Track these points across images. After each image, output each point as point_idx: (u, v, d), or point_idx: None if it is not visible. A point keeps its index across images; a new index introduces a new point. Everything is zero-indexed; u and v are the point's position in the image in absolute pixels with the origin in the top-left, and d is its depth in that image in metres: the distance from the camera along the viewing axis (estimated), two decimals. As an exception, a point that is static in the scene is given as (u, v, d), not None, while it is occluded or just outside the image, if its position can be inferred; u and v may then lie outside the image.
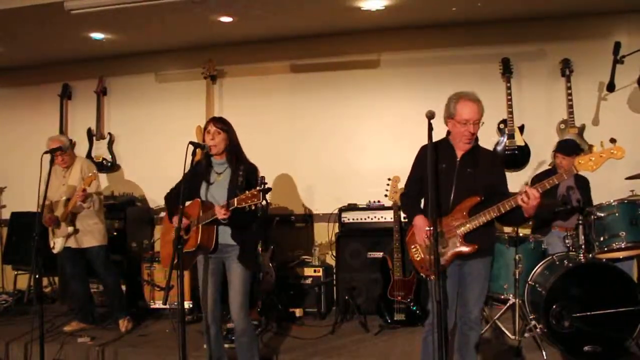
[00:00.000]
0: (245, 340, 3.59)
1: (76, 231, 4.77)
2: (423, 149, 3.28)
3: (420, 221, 3.19)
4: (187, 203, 3.60)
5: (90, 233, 4.81)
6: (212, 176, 3.62)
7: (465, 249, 3.06)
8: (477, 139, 3.23)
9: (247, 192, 3.22)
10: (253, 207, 3.22)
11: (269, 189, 3.21)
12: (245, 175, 3.51)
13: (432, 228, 2.93)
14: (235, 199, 3.26)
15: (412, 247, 3.25)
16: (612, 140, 2.91)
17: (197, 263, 3.67)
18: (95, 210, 4.82)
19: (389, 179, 4.72)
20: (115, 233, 5.66)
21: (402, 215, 4.58)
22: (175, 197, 3.68)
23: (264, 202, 3.23)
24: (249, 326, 3.62)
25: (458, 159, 3.18)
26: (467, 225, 3.04)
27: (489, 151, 3.28)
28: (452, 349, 3.34)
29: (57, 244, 4.80)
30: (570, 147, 4.72)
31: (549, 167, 4.95)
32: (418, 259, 3.22)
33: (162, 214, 5.62)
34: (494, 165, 3.18)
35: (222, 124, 3.61)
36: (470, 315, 3.19)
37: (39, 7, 4.62)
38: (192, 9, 4.73)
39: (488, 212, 2.99)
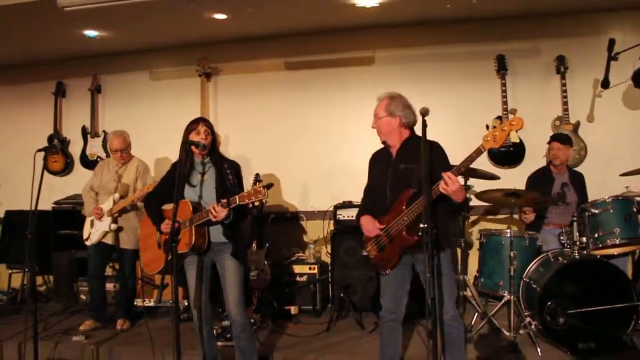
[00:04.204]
0: (245, 336, 3.57)
1: (119, 229, 4.82)
2: (371, 157, 3.51)
3: (365, 220, 3.31)
4: (167, 205, 3.59)
5: (133, 234, 4.86)
6: (194, 176, 3.57)
7: (407, 240, 3.11)
8: (413, 132, 3.33)
9: (250, 189, 3.21)
10: (257, 204, 3.21)
11: (272, 185, 3.19)
12: (234, 172, 3.51)
13: (384, 227, 3.19)
14: (237, 197, 3.24)
15: (367, 245, 3.36)
16: (512, 111, 2.91)
17: (184, 264, 3.63)
18: (142, 214, 4.87)
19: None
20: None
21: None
22: (156, 200, 3.69)
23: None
24: (247, 321, 3.61)
25: (393, 158, 3.28)
26: (405, 217, 3.09)
27: (428, 142, 3.20)
28: (396, 344, 3.41)
29: (93, 235, 4.84)
30: (565, 136, 4.77)
31: (545, 165, 4.96)
32: (372, 256, 3.33)
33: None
34: (433, 158, 3.13)
35: (209, 123, 3.62)
36: (446, 315, 3.16)
37: (31, 4, 4.61)
38: (185, 7, 4.71)
39: (421, 201, 3.02)
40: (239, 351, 3.60)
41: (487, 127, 2.69)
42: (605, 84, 4.73)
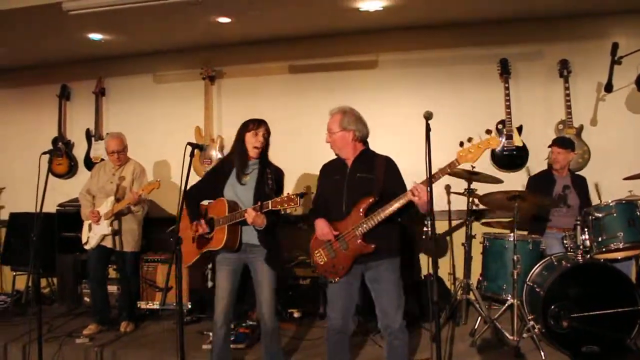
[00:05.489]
0: (274, 339, 3.62)
1: (116, 232, 4.81)
2: (322, 168, 3.57)
3: (321, 223, 3.30)
4: (207, 202, 3.65)
5: (131, 237, 4.88)
6: (239, 176, 3.58)
7: (364, 248, 3.16)
8: (367, 145, 3.43)
9: (283, 195, 3.22)
10: (288, 211, 3.23)
11: (306, 193, 3.24)
12: (275, 178, 3.52)
13: (338, 233, 3.21)
14: (270, 202, 3.27)
15: (316, 252, 3.35)
16: (488, 132, 3.03)
17: (216, 261, 3.67)
18: (140, 216, 4.89)
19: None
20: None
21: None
22: (198, 194, 3.69)
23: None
24: (277, 325, 3.63)
25: (349, 168, 3.34)
26: (364, 225, 3.13)
27: (383, 157, 3.38)
28: (345, 353, 3.43)
29: (92, 240, 4.84)
30: (567, 141, 4.78)
31: (546, 168, 4.97)
32: (322, 263, 3.32)
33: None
34: (388, 170, 3.28)
35: (268, 128, 3.64)
36: (395, 325, 3.20)
37: (37, 8, 4.62)
38: (190, 10, 4.72)
39: (382, 210, 3.10)
40: (266, 352, 3.65)
41: (462, 143, 2.77)
42: (609, 87, 4.73)
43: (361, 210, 3.17)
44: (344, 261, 3.23)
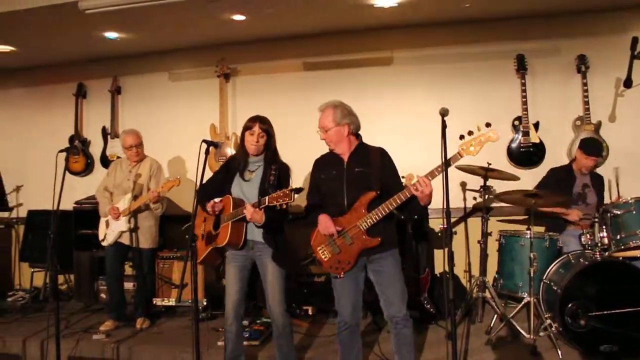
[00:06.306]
0: (285, 336, 3.63)
1: (133, 229, 4.84)
2: (315, 162, 3.58)
3: (324, 218, 3.30)
4: (218, 199, 3.66)
5: (149, 234, 4.93)
6: (244, 173, 3.61)
7: (370, 242, 3.17)
8: (360, 138, 3.44)
9: (278, 191, 3.22)
10: (284, 207, 3.24)
11: (301, 189, 3.23)
12: (278, 174, 3.52)
13: (340, 228, 3.22)
14: (267, 198, 3.28)
15: (318, 248, 3.34)
16: (487, 125, 3.01)
17: (225, 258, 3.69)
18: (159, 214, 4.92)
19: (403, 177, 4.67)
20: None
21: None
22: (209, 192, 3.70)
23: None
24: (288, 322, 3.64)
25: (345, 162, 3.33)
26: (369, 220, 3.14)
27: (377, 149, 3.40)
28: (357, 350, 3.48)
29: (109, 236, 4.89)
30: (596, 149, 4.71)
31: (568, 164, 4.92)
32: (326, 259, 3.31)
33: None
34: (384, 164, 3.31)
35: (266, 125, 3.63)
36: (400, 314, 3.25)
37: (53, 7, 4.66)
38: (205, 8, 4.74)
39: (386, 205, 3.11)
40: (278, 350, 3.66)
41: (462, 136, 2.80)
42: (628, 83, 4.65)
43: (364, 205, 3.18)
44: (349, 256, 3.24)
